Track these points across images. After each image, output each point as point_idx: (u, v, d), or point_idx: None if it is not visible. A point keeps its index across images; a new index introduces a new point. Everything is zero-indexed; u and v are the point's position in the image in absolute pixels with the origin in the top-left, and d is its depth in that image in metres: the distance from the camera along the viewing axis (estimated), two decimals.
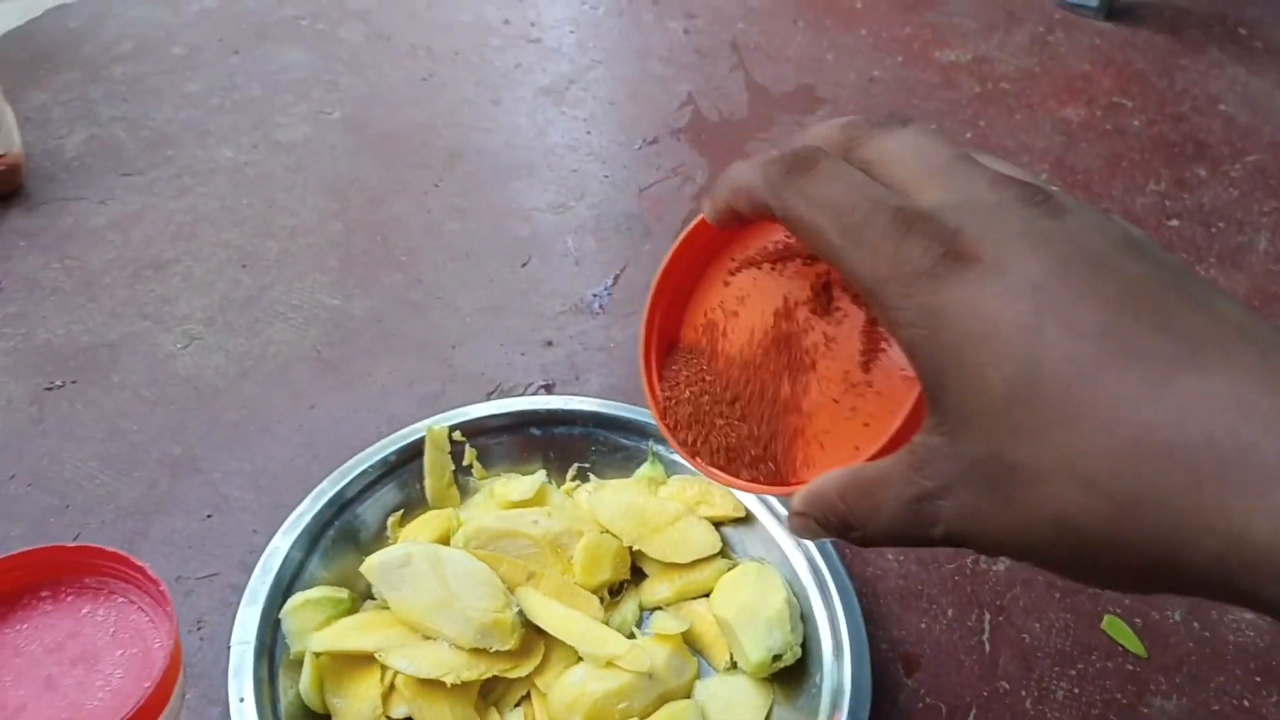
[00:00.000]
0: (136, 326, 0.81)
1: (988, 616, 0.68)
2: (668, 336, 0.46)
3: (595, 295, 0.87)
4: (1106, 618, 0.68)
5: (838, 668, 0.60)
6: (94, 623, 0.49)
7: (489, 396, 0.78)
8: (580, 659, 0.60)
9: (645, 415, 0.71)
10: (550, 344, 0.82)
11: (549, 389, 0.79)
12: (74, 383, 0.77)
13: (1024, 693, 0.64)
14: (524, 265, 0.89)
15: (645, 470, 0.70)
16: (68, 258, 0.87)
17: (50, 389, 0.76)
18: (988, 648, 0.66)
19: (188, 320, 0.82)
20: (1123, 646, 0.67)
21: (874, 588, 0.68)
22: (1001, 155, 1.05)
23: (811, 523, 0.36)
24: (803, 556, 0.65)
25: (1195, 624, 0.68)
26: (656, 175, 1.00)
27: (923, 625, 0.67)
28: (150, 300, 0.84)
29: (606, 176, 1.00)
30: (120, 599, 0.50)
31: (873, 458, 0.35)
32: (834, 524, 0.35)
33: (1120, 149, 1.08)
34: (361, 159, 1.00)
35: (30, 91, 1.04)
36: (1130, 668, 0.66)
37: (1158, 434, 0.27)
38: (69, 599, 0.50)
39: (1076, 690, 0.64)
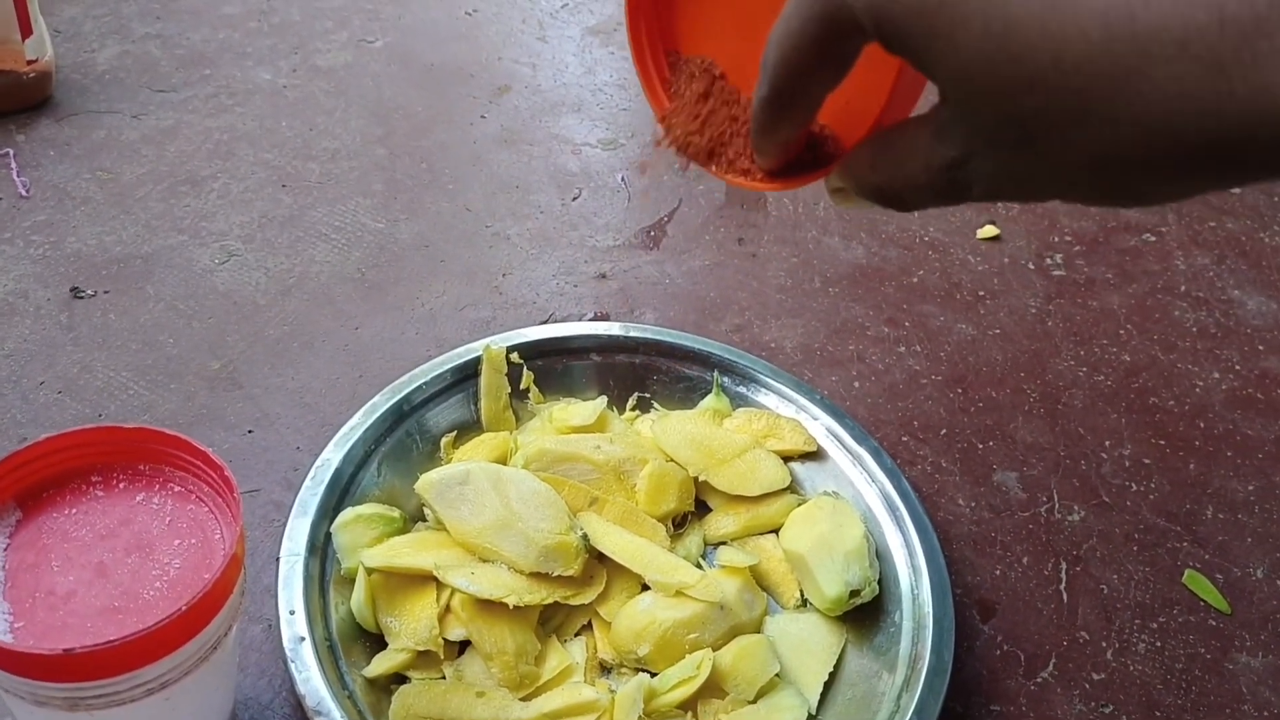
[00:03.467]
0: (171, 240, 0.78)
1: (1064, 566, 0.65)
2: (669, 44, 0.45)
3: (649, 231, 0.84)
4: (1187, 572, 0.65)
5: (916, 605, 0.57)
6: (149, 510, 0.45)
7: (542, 325, 0.74)
8: (645, 588, 0.57)
9: (710, 345, 0.68)
10: (604, 277, 0.79)
11: (605, 318, 0.75)
12: (106, 293, 0.73)
13: (1104, 644, 0.61)
14: (575, 199, 0.86)
15: (710, 401, 0.67)
16: (99, 169, 0.83)
17: (81, 297, 0.73)
18: (1065, 597, 0.63)
19: (225, 236, 0.79)
20: (1205, 601, 0.64)
21: (946, 533, 0.65)
22: None
23: (849, 194, 0.37)
24: (876, 492, 0.62)
25: (1279, 581, 0.65)
26: None
27: (997, 572, 0.64)
28: (186, 215, 0.80)
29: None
30: (177, 487, 0.46)
31: (874, 127, 0.37)
32: (875, 195, 0.36)
33: None
34: (405, 88, 0.96)
35: (61, 5, 1.00)
36: (1213, 623, 0.63)
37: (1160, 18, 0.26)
38: (121, 485, 0.46)
39: (1159, 644, 0.61)
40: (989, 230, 0.87)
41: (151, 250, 0.77)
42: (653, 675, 0.54)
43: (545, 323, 0.74)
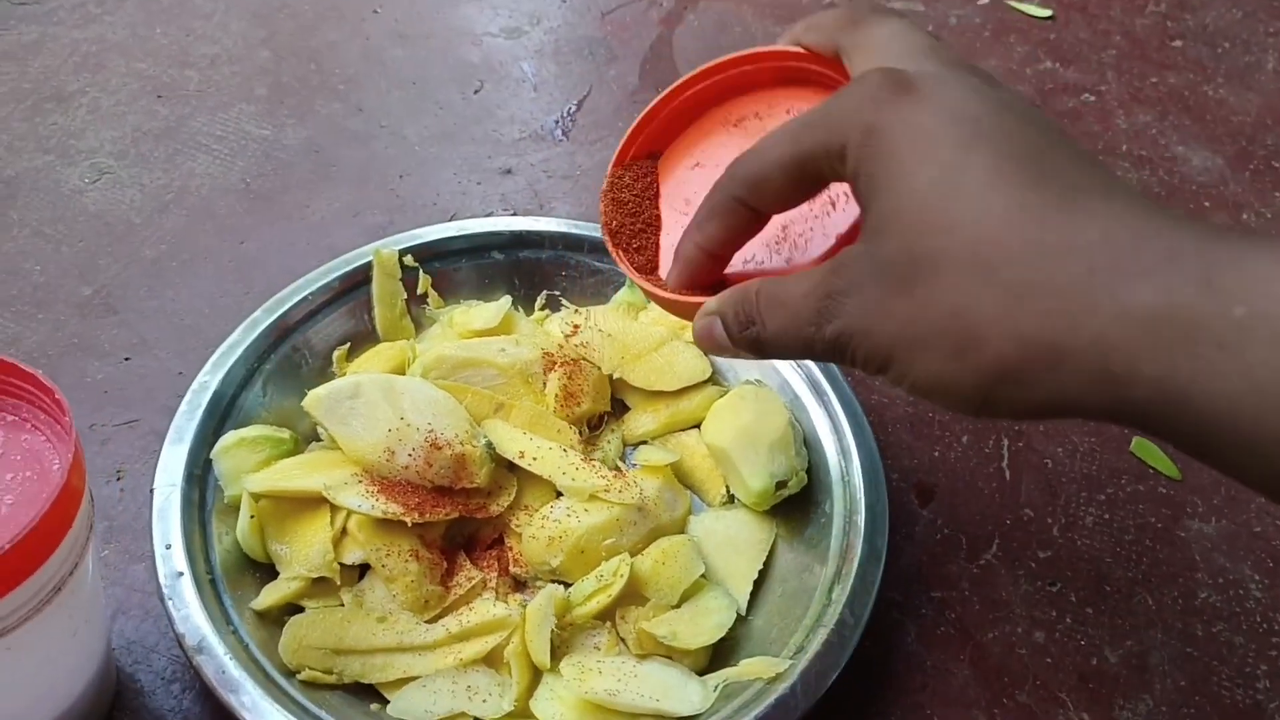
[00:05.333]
0: (37, 161, 0.72)
1: (1005, 442, 0.61)
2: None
3: (557, 121, 0.78)
4: (1135, 440, 0.62)
5: (848, 494, 0.53)
6: None
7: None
8: (559, 495, 0.53)
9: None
10: (509, 172, 0.74)
11: (512, 217, 0.70)
12: None
13: (1050, 520, 0.58)
14: (476, 92, 0.80)
15: (624, 295, 0.62)
16: None
17: None
18: (1008, 475, 0.60)
19: (96, 154, 0.72)
20: (1154, 469, 0.61)
21: (880, 417, 0.61)
22: None
23: (717, 322, 0.38)
24: (802, 378, 0.58)
25: None
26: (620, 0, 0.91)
27: (935, 453, 0.60)
28: (53, 134, 0.74)
29: (565, 2, 0.90)
30: (10, 416, 0.41)
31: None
32: (739, 320, 0.38)
33: None
34: None
35: None
36: (1163, 490, 0.60)
37: (1060, 234, 0.30)
38: None
39: (1106, 516, 0.58)
40: None
41: (15, 173, 0.70)
42: (568, 587, 0.51)
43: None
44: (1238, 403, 0.27)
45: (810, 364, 0.58)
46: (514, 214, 0.71)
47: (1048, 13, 0.93)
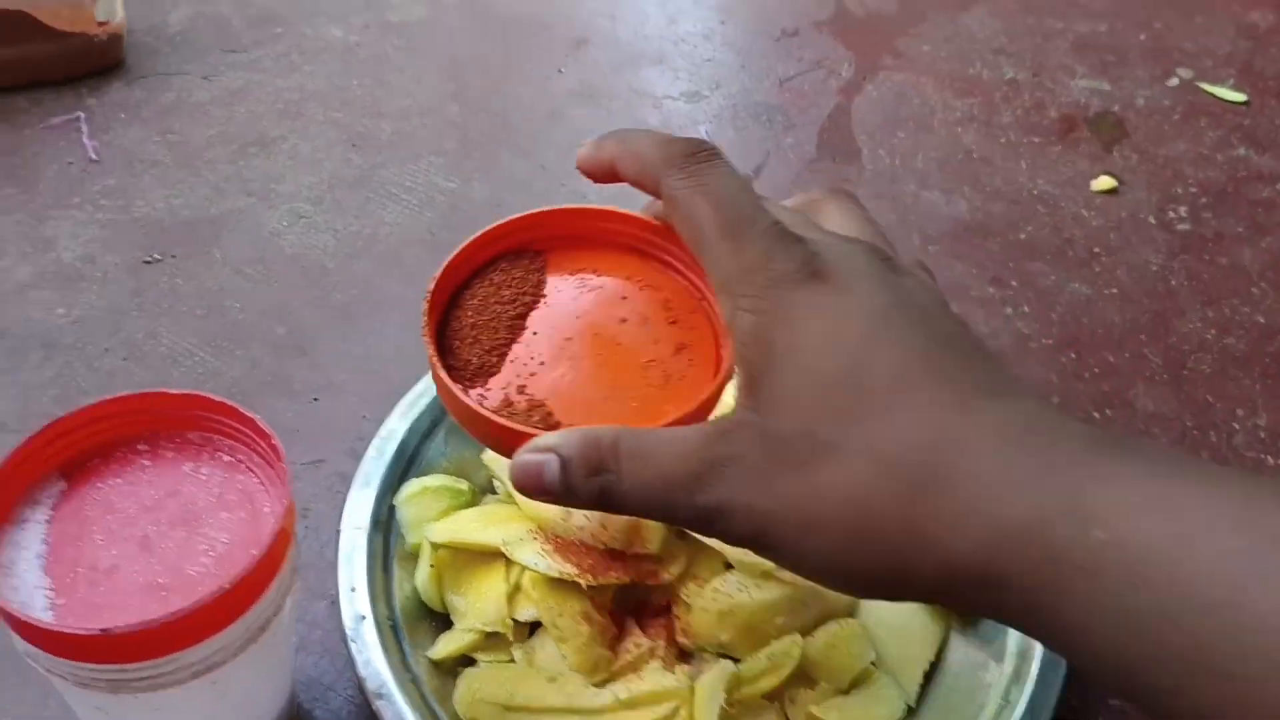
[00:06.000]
0: (240, 203, 0.75)
1: None
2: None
3: None
4: None
5: None
6: (196, 481, 0.42)
7: None
8: (729, 568, 0.53)
9: None
10: None
11: None
12: (173, 257, 0.71)
13: None
14: None
15: None
16: (169, 132, 0.81)
17: (149, 262, 0.71)
18: None
19: (294, 198, 0.76)
20: None
21: None
22: (1179, 58, 0.93)
23: (552, 461, 0.34)
24: None
25: None
26: (798, 67, 0.91)
27: None
28: (255, 177, 0.77)
29: (744, 67, 0.91)
30: (226, 457, 0.43)
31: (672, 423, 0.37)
32: (588, 465, 0.34)
33: None
34: (480, 43, 0.92)
35: None
36: None
37: (960, 430, 0.31)
38: (169, 454, 0.43)
39: None
40: (1105, 182, 0.81)
41: (219, 213, 0.74)
42: (736, 662, 0.50)
43: None
44: (1090, 626, 0.29)
45: None
46: None
47: (1242, 97, 0.90)
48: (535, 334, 0.42)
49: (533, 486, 0.35)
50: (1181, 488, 0.29)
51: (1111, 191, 0.80)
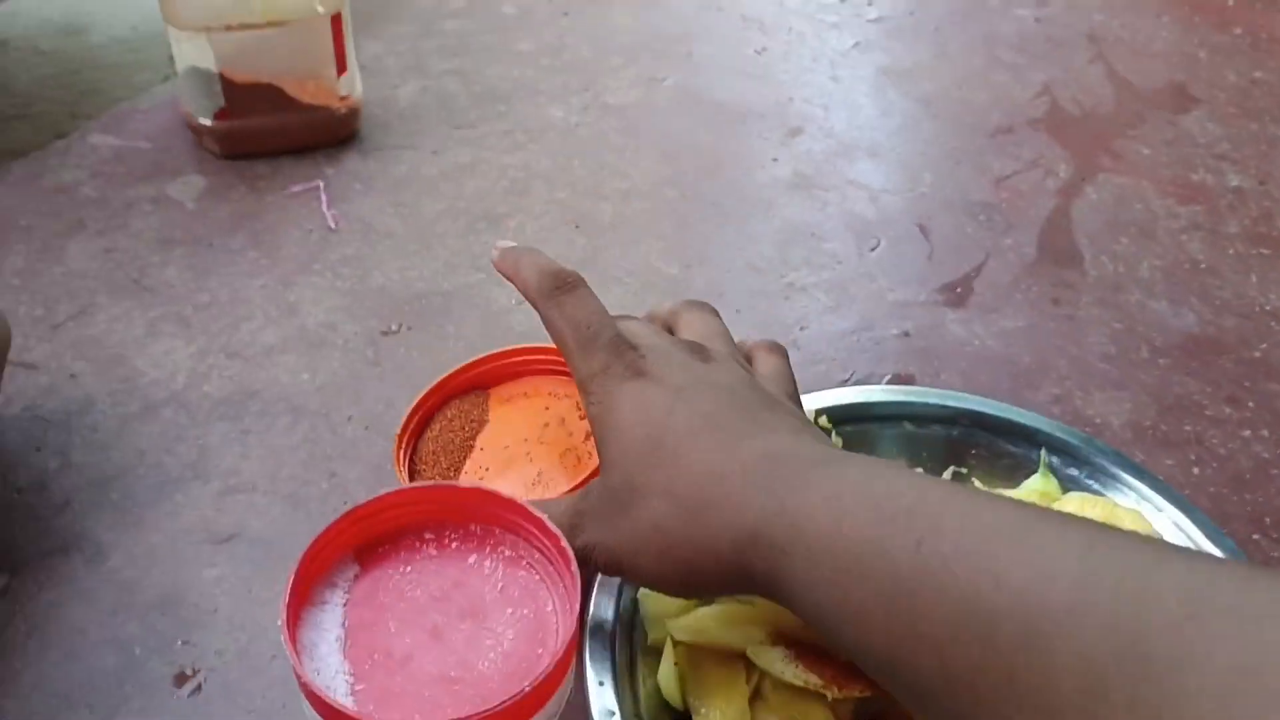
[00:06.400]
0: (470, 278, 0.78)
1: None
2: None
3: (955, 288, 0.79)
4: None
5: None
6: (480, 573, 0.44)
7: (843, 385, 0.70)
8: None
9: (1037, 420, 0.62)
10: (906, 335, 0.74)
11: (909, 380, 0.71)
12: (409, 329, 0.74)
13: None
14: (873, 249, 0.82)
15: (1035, 483, 0.61)
16: (401, 204, 0.85)
17: (386, 333, 0.74)
18: None
19: None
20: None
21: None
22: None
23: None
24: None
25: None
26: (1015, 165, 0.91)
27: None
28: (484, 253, 0.80)
29: (958, 163, 0.91)
30: (508, 551, 0.45)
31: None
32: None
33: None
34: (694, 127, 0.94)
35: (366, 42, 1.03)
36: None
37: (724, 466, 0.41)
38: (454, 544, 0.45)
39: None
40: None
41: (451, 287, 0.77)
42: None
43: (845, 383, 0.70)
44: (800, 594, 0.39)
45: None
46: (912, 379, 0.71)
47: None
48: (482, 450, 0.57)
49: None
50: (848, 482, 0.38)
51: None
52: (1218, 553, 0.56)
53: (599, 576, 0.55)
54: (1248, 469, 0.66)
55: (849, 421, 0.63)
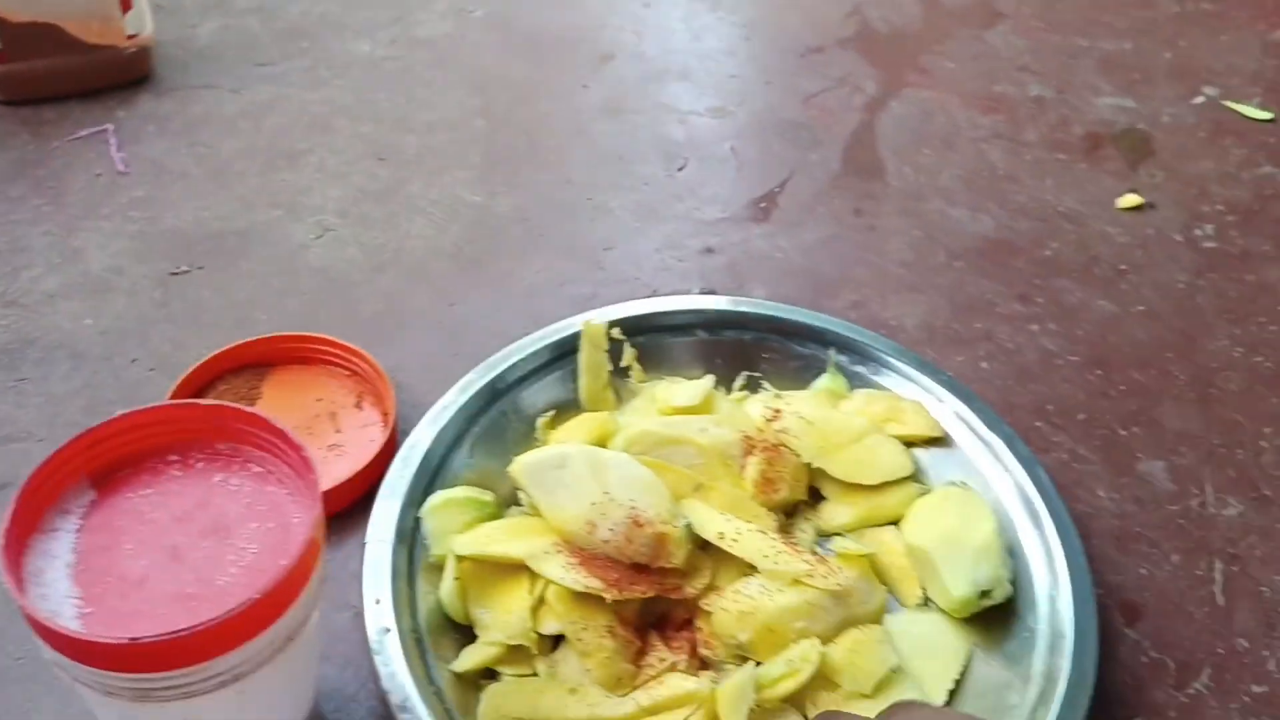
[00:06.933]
0: (267, 215, 0.76)
1: (1219, 565, 0.58)
2: None
3: (759, 203, 0.79)
4: None
5: (1054, 611, 0.51)
6: (226, 492, 0.43)
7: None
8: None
9: (826, 321, 0.64)
10: (711, 251, 0.75)
11: (711, 295, 0.71)
12: (201, 268, 0.72)
13: (1266, 653, 0.55)
14: (680, 169, 0.82)
15: (825, 382, 0.62)
16: (197, 144, 0.82)
17: (176, 274, 0.71)
18: (1221, 600, 0.57)
19: (321, 211, 0.76)
20: None
21: (1085, 528, 0.59)
22: (1204, 76, 0.92)
23: None
24: (1010, 483, 0.56)
25: None
26: (823, 84, 0.91)
27: (1143, 571, 0.58)
28: (282, 189, 0.78)
29: (769, 83, 0.91)
30: (256, 468, 0.43)
31: None
32: None
33: None
34: (506, 58, 0.93)
35: None
36: None
37: None
38: (199, 465, 0.44)
39: None
40: (1131, 199, 0.80)
41: (247, 225, 0.75)
42: (756, 666, 0.50)
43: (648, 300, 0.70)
44: None
45: (1019, 469, 0.56)
46: (714, 292, 0.71)
47: (1268, 115, 0.90)
48: None
49: None
50: None
51: (1137, 209, 0.80)
52: (997, 440, 0.58)
53: (380, 490, 0.54)
54: (1034, 361, 0.68)
55: (642, 332, 0.63)
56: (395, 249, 0.74)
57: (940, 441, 0.59)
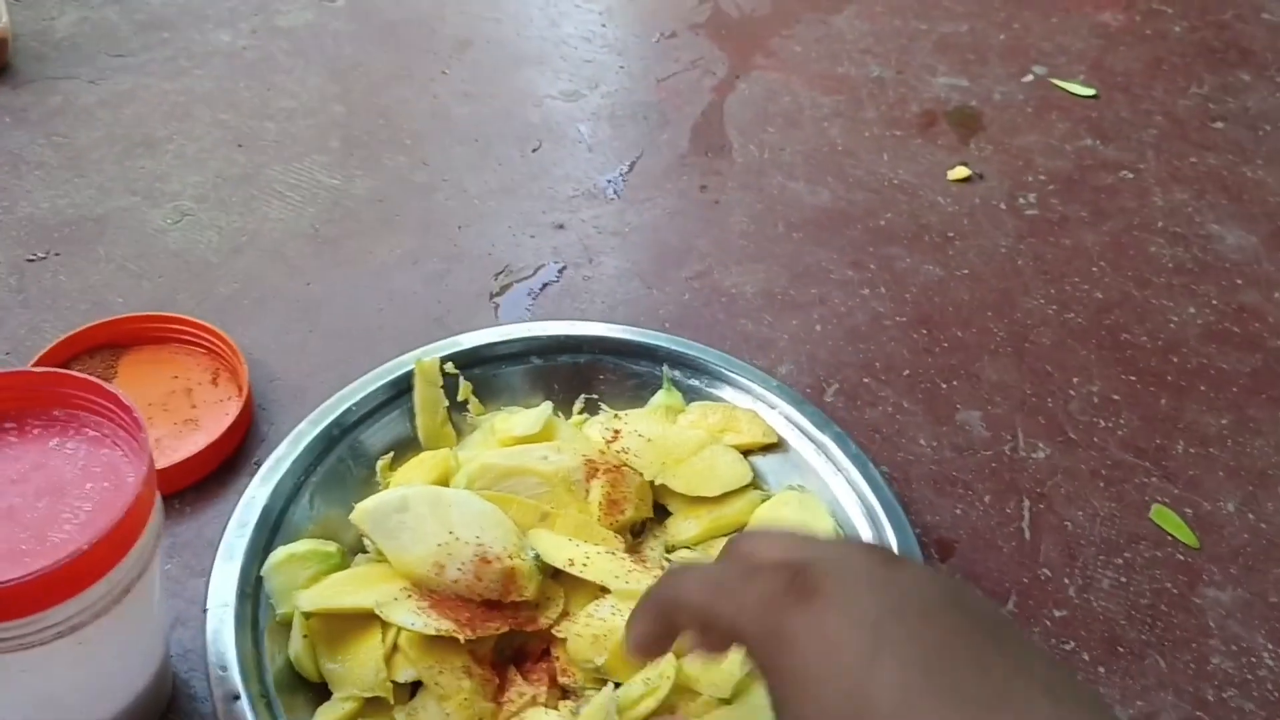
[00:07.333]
0: (125, 201, 0.77)
1: (1027, 504, 0.63)
2: None
3: (609, 181, 0.82)
4: (1155, 507, 0.63)
5: None
6: (62, 455, 0.44)
7: (496, 277, 0.73)
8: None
9: (657, 339, 0.65)
10: (561, 227, 0.78)
11: (561, 271, 0.74)
12: (57, 255, 0.72)
13: (1067, 580, 0.59)
14: (535, 150, 0.85)
15: (660, 398, 0.64)
16: (54, 134, 0.82)
17: (32, 260, 0.72)
18: (1027, 535, 0.62)
19: (179, 197, 0.78)
20: (1172, 536, 0.62)
21: (906, 473, 0.64)
22: (1035, 56, 0.99)
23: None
24: (843, 481, 0.59)
25: (1250, 514, 0.63)
26: (675, 67, 0.95)
27: (958, 511, 0.62)
28: (140, 177, 0.79)
29: (622, 67, 0.95)
30: (92, 432, 0.45)
31: None
32: None
33: (1160, 53, 1.03)
34: (366, 45, 0.95)
35: None
36: (1181, 558, 0.61)
37: None
38: (35, 431, 0.45)
39: (1124, 579, 0.60)
40: (960, 171, 0.86)
41: (104, 212, 0.76)
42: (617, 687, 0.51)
43: (499, 275, 0.73)
44: None
45: (851, 469, 0.59)
46: (564, 266, 0.74)
47: (1091, 91, 0.96)
48: None
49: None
50: None
51: (966, 180, 0.85)
52: (829, 440, 0.60)
53: (217, 551, 0.53)
54: (864, 322, 0.73)
55: (476, 364, 0.63)
56: (253, 231, 0.75)
57: (776, 447, 0.61)
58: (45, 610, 0.40)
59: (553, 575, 0.54)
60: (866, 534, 0.57)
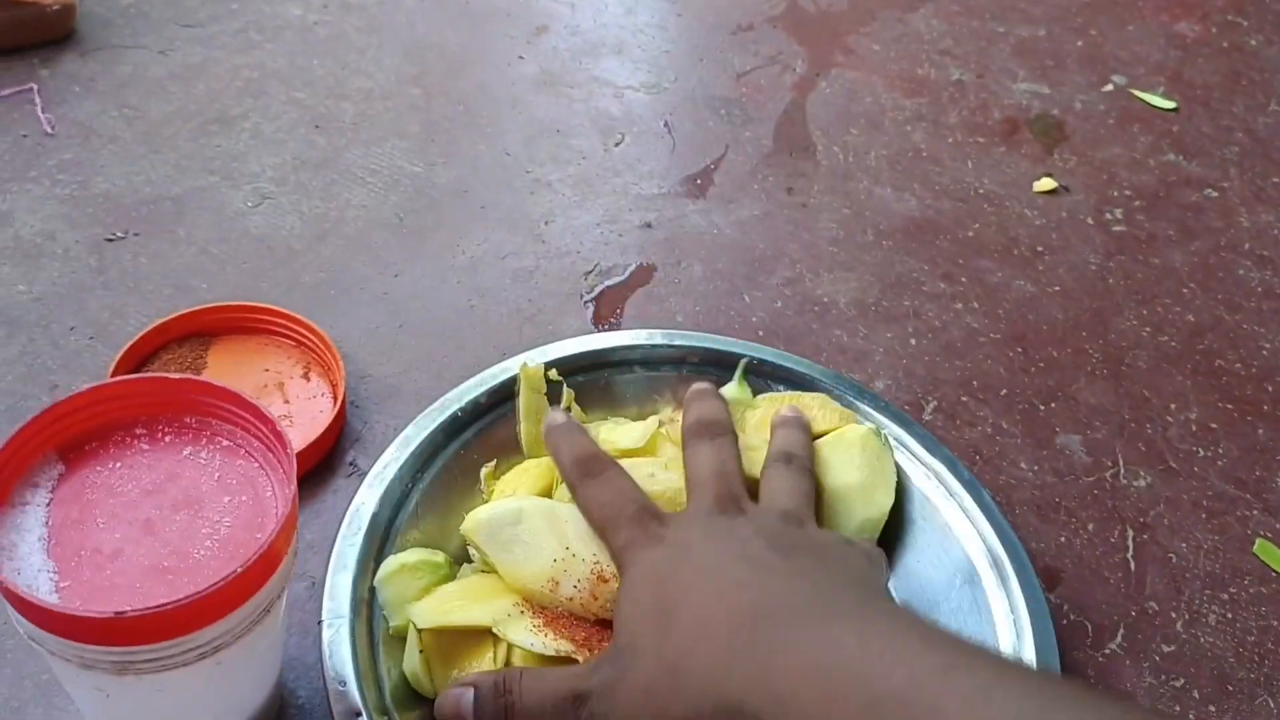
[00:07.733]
0: (203, 181, 0.75)
1: (1131, 533, 0.62)
2: None
3: (695, 179, 0.81)
4: (1259, 542, 0.62)
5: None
6: (196, 465, 0.43)
7: (586, 276, 0.72)
8: None
9: (762, 352, 0.63)
10: (649, 226, 0.76)
11: (651, 270, 0.72)
12: (136, 235, 0.71)
13: (1174, 614, 0.59)
14: (617, 144, 0.83)
15: (732, 390, 0.61)
16: (126, 106, 0.80)
17: (111, 240, 0.70)
18: (1132, 566, 0.61)
19: (258, 179, 0.76)
20: (1277, 572, 0.61)
21: (1009, 497, 0.63)
22: (1113, 65, 0.97)
23: (469, 693, 0.46)
24: (956, 507, 0.57)
25: None
26: (755, 61, 0.93)
27: (1062, 539, 0.61)
28: (217, 155, 0.77)
29: (701, 60, 0.93)
30: (225, 441, 0.44)
31: None
32: (496, 689, 0.46)
33: (1239, 66, 1.01)
34: (440, 26, 0.93)
35: None
36: None
37: (711, 618, 0.42)
38: (167, 438, 0.44)
39: (1229, 615, 0.59)
40: (1046, 183, 0.84)
41: (182, 191, 0.74)
42: None
43: (589, 275, 0.72)
44: None
45: (962, 494, 0.57)
46: (655, 267, 0.73)
47: (1172, 104, 0.94)
48: None
49: (450, 711, 0.46)
50: (836, 649, 0.39)
51: (1052, 192, 0.84)
52: (942, 468, 0.59)
53: (329, 559, 0.51)
54: (959, 338, 0.71)
55: (581, 372, 0.61)
56: (335, 218, 0.74)
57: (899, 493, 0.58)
58: (190, 634, 0.39)
59: None
60: (981, 564, 0.56)
